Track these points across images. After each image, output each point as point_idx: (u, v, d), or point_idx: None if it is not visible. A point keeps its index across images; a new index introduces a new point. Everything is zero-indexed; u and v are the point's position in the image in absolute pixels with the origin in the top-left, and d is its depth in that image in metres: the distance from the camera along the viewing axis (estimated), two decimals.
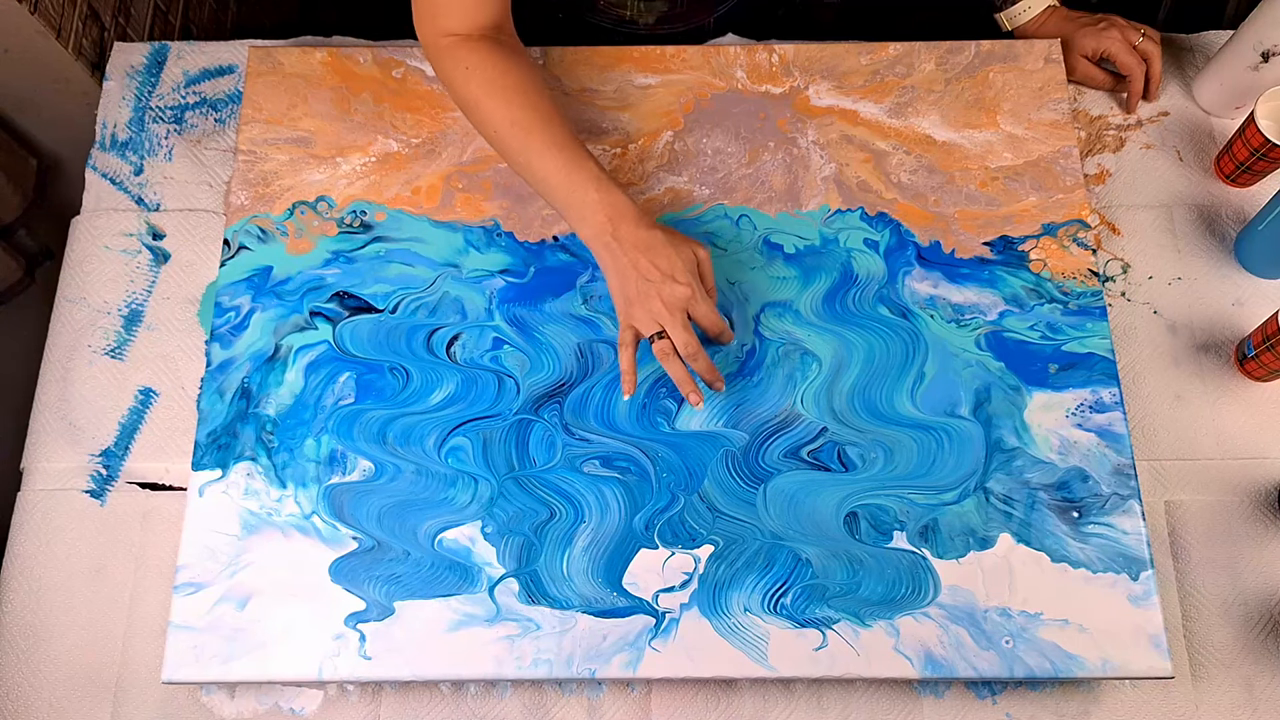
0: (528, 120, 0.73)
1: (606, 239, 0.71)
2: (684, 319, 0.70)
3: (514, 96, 0.73)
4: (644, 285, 0.70)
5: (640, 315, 0.71)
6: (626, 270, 0.71)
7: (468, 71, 0.74)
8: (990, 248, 0.82)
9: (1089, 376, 0.78)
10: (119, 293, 0.84)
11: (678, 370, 0.71)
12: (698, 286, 0.71)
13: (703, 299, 0.71)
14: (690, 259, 0.71)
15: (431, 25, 0.75)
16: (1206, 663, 0.75)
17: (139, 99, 0.90)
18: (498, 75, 0.74)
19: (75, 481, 0.79)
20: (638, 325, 0.71)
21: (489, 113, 0.74)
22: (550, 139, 0.72)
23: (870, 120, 0.86)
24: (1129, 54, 0.88)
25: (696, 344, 0.71)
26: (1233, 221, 0.87)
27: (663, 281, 0.70)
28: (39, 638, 0.75)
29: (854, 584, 0.72)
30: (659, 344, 0.71)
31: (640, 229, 0.71)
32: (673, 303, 0.70)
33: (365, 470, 0.75)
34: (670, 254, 0.70)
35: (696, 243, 0.73)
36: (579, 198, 0.72)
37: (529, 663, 0.70)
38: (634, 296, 0.71)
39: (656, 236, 0.71)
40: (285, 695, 0.74)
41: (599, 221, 0.71)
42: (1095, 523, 0.73)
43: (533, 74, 0.75)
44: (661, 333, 0.70)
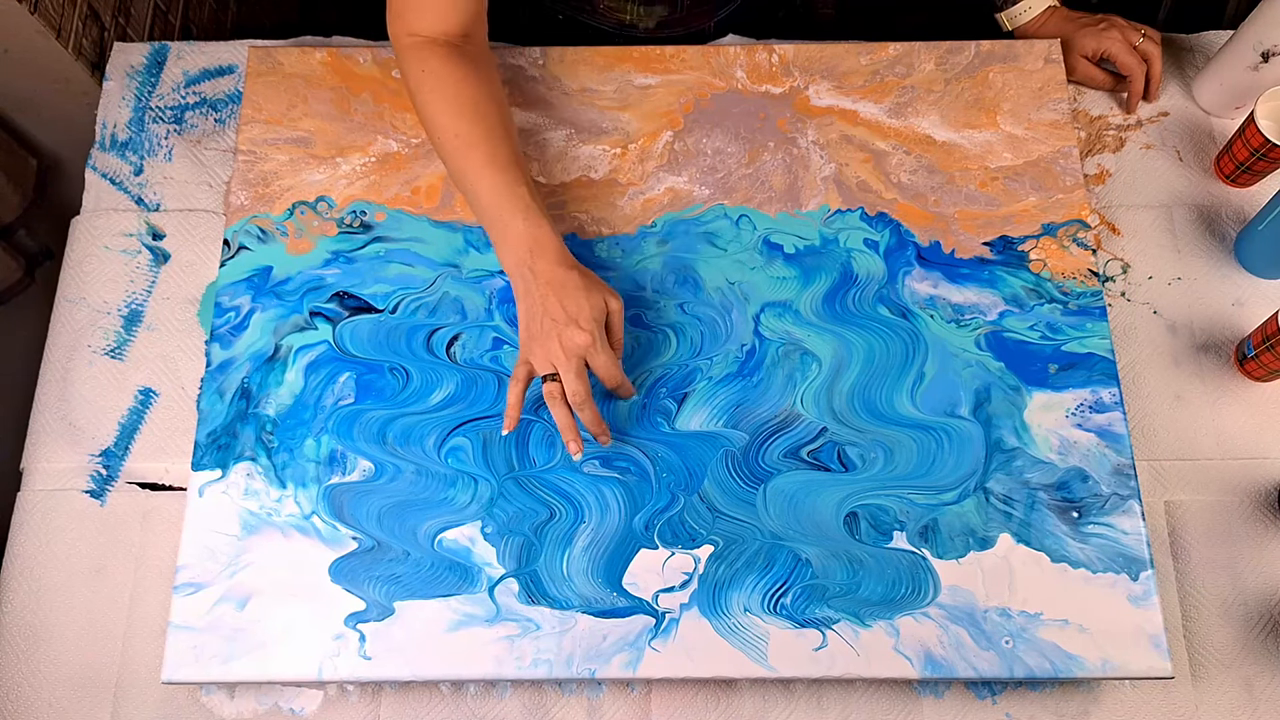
0: (471, 135, 0.73)
1: (524, 270, 0.71)
2: (579, 366, 0.69)
3: (464, 108, 0.73)
4: (547, 324, 0.69)
5: (538, 353, 0.70)
6: (535, 305, 0.70)
7: (423, 74, 0.74)
8: (990, 248, 0.82)
9: (1089, 376, 0.78)
10: (119, 293, 0.84)
11: (562, 416, 0.70)
12: (600, 336, 0.70)
13: (603, 349, 0.70)
14: (600, 307, 0.70)
15: (400, 23, 0.75)
16: (1206, 663, 0.75)
17: (139, 99, 0.90)
18: (452, 84, 0.73)
19: (75, 481, 0.79)
20: (533, 362, 0.71)
21: (434, 119, 0.74)
22: (489, 158, 0.72)
23: (870, 120, 0.86)
24: (1129, 54, 0.88)
25: (585, 394, 0.69)
26: (1233, 221, 0.87)
27: (566, 324, 0.69)
28: (39, 638, 0.75)
29: (854, 584, 0.72)
30: (548, 385, 0.70)
31: (558, 267, 0.70)
32: (570, 348, 0.69)
33: (365, 470, 0.75)
34: (580, 298, 0.69)
35: (611, 292, 0.72)
36: (505, 223, 0.71)
37: (529, 663, 0.70)
38: (535, 334, 0.70)
39: (572, 278, 0.70)
40: (285, 695, 0.74)
41: (519, 252, 0.71)
42: (1095, 523, 0.73)
43: (489, 89, 0.75)
44: (555, 375, 0.70)
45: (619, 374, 0.72)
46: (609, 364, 0.71)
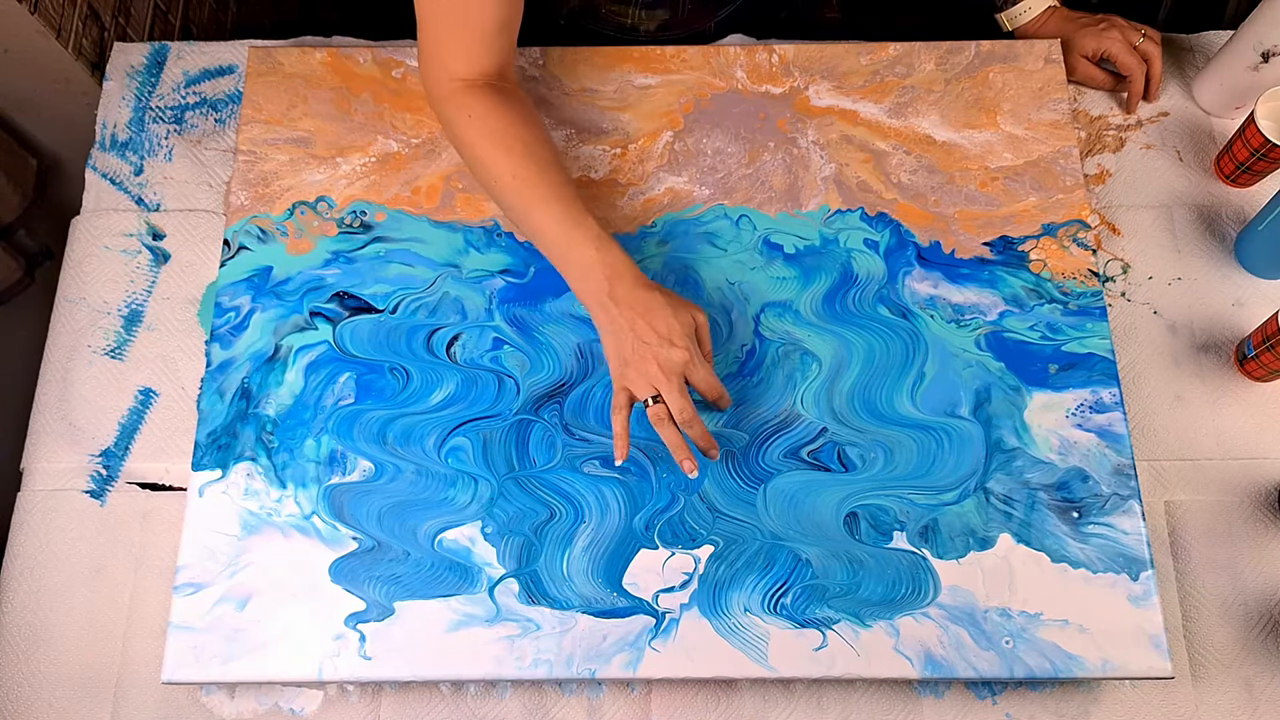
0: (528, 173, 0.72)
1: (603, 299, 0.70)
2: (680, 384, 0.69)
3: (516, 147, 0.72)
4: (640, 348, 0.69)
5: (635, 378, 0.69)
6: (623, 332, 0.69)
7: (470, 120, 0.73)
8: (990, 248, 0.82)
9: (1089, 377, 0.78)
10: (119, 293, 0.84)
11: (672, 437, 0.69)
12: (695, 351, 0.69)
13: (700, 364, 0.70)
14: (689, 323, 0.70)
15: (437, 69, 0.74)
16: (1206, 663, 0.75)
17: (139, 99, 0.90)
18: (501, 125, 0.73)
19: (75, 481, 0.79)
20: (632, 388, 0.70)
21: (490, 163, 0.73)
22: (550, 193, 0.72)
23: (870, 120, 0.86)
24: (1129, 54, 0.88)
25: (693, 410, 0.69)
26: (1233, 221, 0.87)
27: (660, 345, 0.68)
28: (39, 638, 0.75)
29: (854, 584, 0.72)
30: (654, 409, 0.69)
31: (638, 290, 0.70)
32: (669, 367, 0.68)
33: (365, 470, 0.75)
34: (668, 317, 0.69)
35: (695, 306, 0.72)
36: (577, 255, 0.71)
37: (529, 663, 0.70)
38: (630, 359, 0.69)
39: (655, 298, 0.69)
40: (285, 695, 0.74)
41: (597, 281, 0.70)
42: (1095, 523, 0.73)
43: (535, 125, 0.75)
44: (657, 397, 0.69)
45: (719, 385, 0.72)
46: (708, 376, 0.70)
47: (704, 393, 0.71)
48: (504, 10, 0.71)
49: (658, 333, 0.68)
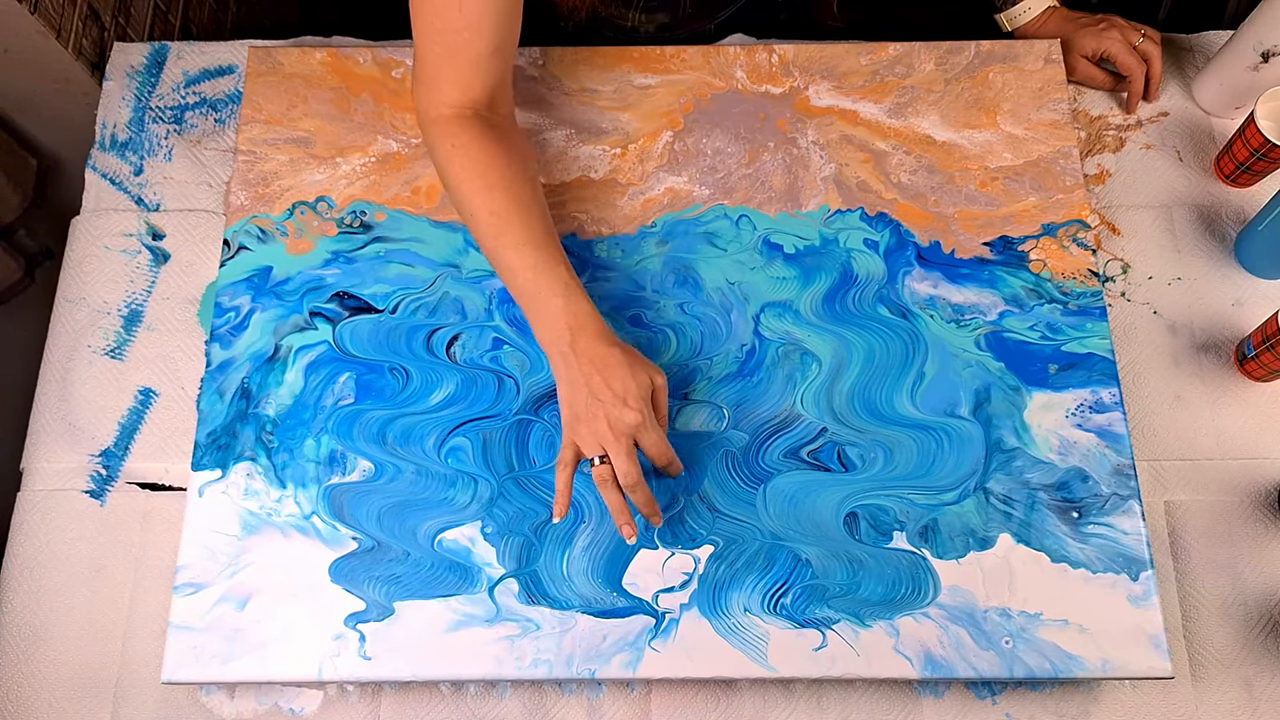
0: (506, 211, 0.71)
1: (564, 348, 0.69)
2: (629, 446, 0.67)
3: (496, 182, 0.71)
4: (593, 404, 0.67)
5: (585, 435, 0.68)
6: (578, 385, 0.68)
7: (453, 149, 0.72)
8: (990, 248, 0.82)
9: (1089, 377, 0.78)
10: (119, 293, 0.84)
11: (614, 499, 0.68)
12: (648, 414, 0.68)
13: (652, 427, 0.68)
14: (645, 384, 0.68)
15: (428, 91, 0.72)
16: (1206, 663, 0.75)
17: (139, 99, 0.90)
18: (484, 158, 0.71)
19: (75, 481, 0.79)
20: (581, 444, 0.68)
21: (469, 196, 0.72)
22: (525, 235, 0.70)
23: (870, 120, 0.86)
24: (1129, 54, 0.88)
25: (637, 475, 0.67)
26: (1233, 221, 0.87)
27: (613, 403, 0.67)
28: (39, 638, 0.75)
29: (854, 584, 0.72)
30: (599, 469, 0.68)
31: (599, 344, 0.68)
32: (620, 428, 0.67)
33: (365, 470, 0.75)
34: (625, 376, 0.67)
35: (655, 368, 0.70)
36: (544, 301, 0.70)
37: (529, 663, 0.70)
38: (581, 414, 0.68)
39: (615, 355, 0.68)
40: (285, 695, 0.74)
41: (559, 330, 0.69)
42: (1095, 523, 0.73)
43: (519, 162, 0.73)
44: (604, 457, 0.68)
45: (669, 451, 0.70)
46: (659, 442, 0.69)
47: (653, 458, 0.70)
48: (498, 34, 0.70)
49: (612, 390, 0.67)
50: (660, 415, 0.71)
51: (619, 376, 0.67)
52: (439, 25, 0.69)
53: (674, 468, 0.72)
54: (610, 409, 0.67)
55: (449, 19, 0.68)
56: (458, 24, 0.68)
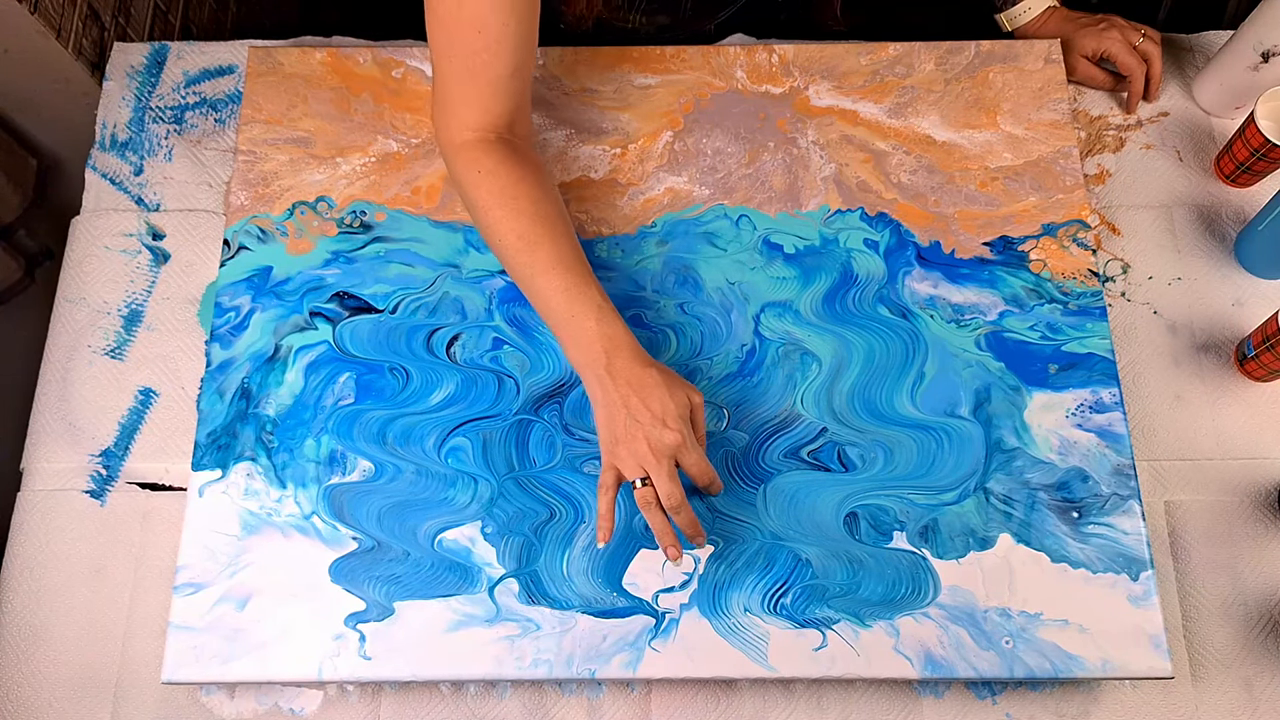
0: (535, 235, 0.70)
1: (600, 371, 0.68)
2: (670, 467, 0.66)
3: (524, 207, 0.71)
4: (632, 426, 0.67)
5: (625, 457, 0.67)
6: (616, 407, 0.67)
7: (479, 175, 0.71)
8: (990, 248, 0.82)
9: (1089, 377, 0.78)
10: (119, 293, 0.84)
11: (658, 522, 0.67)
12: (688, 433, 0.67)
13: (693, 447, 0.68)
14: (684, 403, 0.68)
15: (449, 117, 0.72)
16: (1206, 663, 0.75)
17: (139, 99, 0.90)
18: (510, 183, 0.71)
19: (75, 481, 0.79)
20: (621, 467, 0.68)
21: (497, 222, 0.71)
22: (555, 258, 0.70)
23: (870, 120, 0.86)
24: (1129, 54, 0.88)
25: (681, 495, 0.66)
26: (1233, 221, 0.87)
27: (652, 425, 0.66)
28: (39, 638, 0.75)
29: (854, 584, 0.72)
30: (641, 491, 0.67)
31: (635, 366, 0.68)
32: (660, 449, 0.66)
33: (365, 470, 0.75)
34: (664, 396, 0.67)
35: (691, 387, 0.70)
36: (577, 324, 0.69)
37: (529, 663, 0.70)
38: (621, 437, 0.67)
39: (652, 376, 0.67)
40: (285, 695, 0.74)
41: (594, 353, 0.68)
42: (1095, 523, 0.73)
43: (545, 185, 0.73)
44: (646, 479, 0.67)
45: (711, 470, 0.69)
46: (700, 461, 0.68)
47: (695, 478, 0.69)
48: (517, 55, 0.69)
49: (651, 412, 0.66)
50: (699, 433, 0.70)
51: (657, 397, 0.67)
52: (458, 48, 0.68)
53: (715, 486, 0.71)
54: (650, 430, 0.66)
55: (468, 41, 0.68)
56: (476, 46, 0.68)
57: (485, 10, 0.67)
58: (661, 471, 0.66)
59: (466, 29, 0.67)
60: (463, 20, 0.67)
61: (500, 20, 0.67)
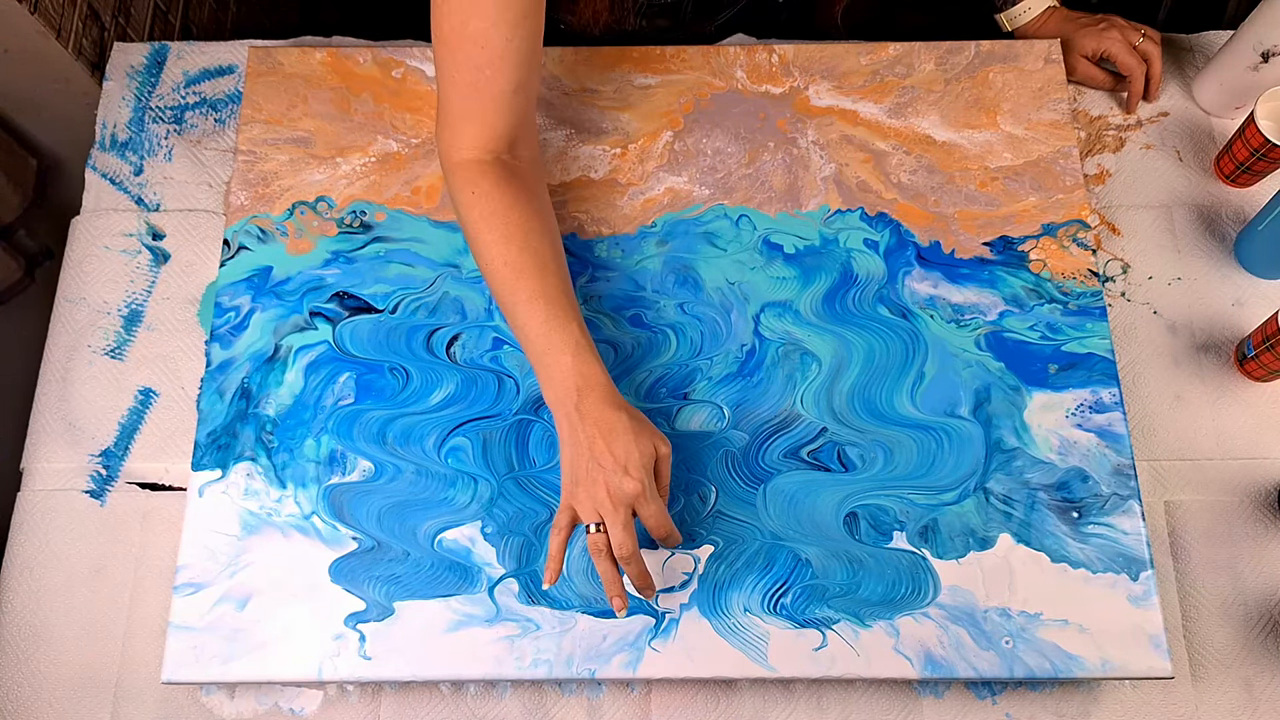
0: (521, 264, 0.69)
1: (569, 409, 0.67)
2: (627, 516, 0.65)
3: (514, 234, 0.70)
4: (594, 469, 0.65)
5: (584, 499, 0.66)
6: (580, 448, 0.66)
7: (474, 196, 0.71)
8: (990, 248, 0.82)
9: (1089, 377, 0.78)
10: (119, 293, 0.84)
11: (607, 570, 0.66)
12: (649, 483, 0.66)
13: (652, 498, 0.66)
14: (649, 452, 0.66)
15: (451, 134, 0.71)
16: (1206, 663, 0.75)
17: (139, 99, 0.90)
18: (503, 208, 0.70)
19: (75, 481, 0.79)
20: (578, 509, 0.67)
21: (485, 246, 0.70)
22: (538, 290, 0.69)
23: (870, 120, 0.86)
24: (1129, 54, 0.88)
25: (633, 546, 0.65)
26: (1233, 221, 0.87)
27: (613, 470, 0.65)
28: (39, 638, 0.75)
29: (854, 584, 0.72)
30: (593, 537, 0.66)
31: (606, 408, 0.66)
32: (619, 497, 0.65)
33: (365, 470, 0.75)
34: (629, 443, 0.65)
35: (660, 436, 0.68)
36: (552, 359, 0.68)
37: (529, 663, 0.70)
38: (581, 478, 0.66)
39: (621, 420, 0.66)
40: (285, 695, 0.74)
41: (566, 389, 0.67)
42: (1095, 523, 0.73)
43: (539, 213, 0.72)
44: (600, 524, 0.66)
45: (669, 524, 0.68)
46: (659, 514, 0.67)
47: (652, 530, 0.68)
48: (520, 70, 0.69)
49: (614, 457, 0.65)
50: (662, 484, 0.69)
51: (622, 443, 0.65)
52: (461, 62, 0.68)
53: (672, 539, 0.69)
54: (610, 476, 0.65)
55: (472, 56, 0.67)
56: (480, 60, 0.67)
57: (488, 26, 0.66)
58: (617, 520, 0.65)
59: (470, 45, 0.67)
60: (466, 36, 0.67)
61: (504, 35, 0.67)
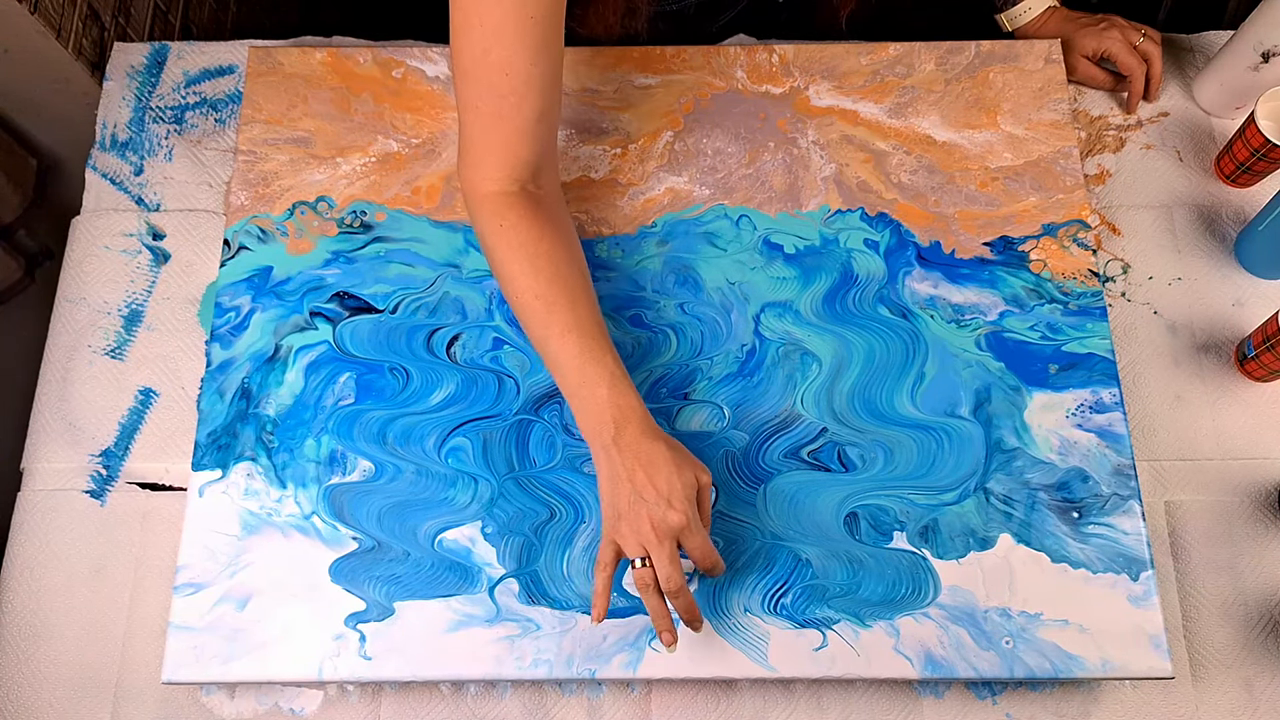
0: (552, 295, 0.69)
1: (606, 441, 0.66)
2: (673, 549, 0.64)
3: (544, 266, 0.69)
4: (636, 503, 0.64)
5: (627, 535, 0.65)
6: (621, 481, 0.65)
7: (502, 229, 0.70)
8: (990, 248, 0.82)
9: (1089, 377, 0.78)
10: (119, 293, 0.84)
11: (656, 605, 0.65)
12: (694, 515, 0.65)
13: (697, 529, 0.65)
14: (691, 483, 0.65)
15: (474, 165, 0.70)
16: (1206, 663, 0.75)
17: (139, 99, 0.90)
18: (532, 239, 0.69)
19: (75, 481, 0.79)
20: (622, 544, 0.66)
21: (515, 278, 0.69)
22: (572, 322, 0.68)
23: (870, 120, 0.86)
24: (1129, 54, 0.88)
25: (681, 580, 0.64)
26: (1233, 222, 0.87)
27: (657, 503, 0.64)
28: (39, 638, 0.75)
29: (854, 584, 0.72)
30: (640, 572, 0.65)
31: (645, 439, 0.66)
32: (664, 530, 0.64)
33: (365, 470, 0.75)
34: (671, 474, 0.65)
35: (700, 465, 0.67)
36: (588, 391, 0.67)
37: (529, 663, 0.70)
38: (624, 512, 0.65)
39: (661, 451, 0.65)
40: (285, 695, 0.74)
41: (603, 421, 0.66)
42: (1095, 523, 0.73)
43: (568, 244, 0.72)
44: (645, 558, 0.65)
45: (714, 554, 0.67)
46: (704, 544, 0.66)
47: (698, 561, 0.67)
48: (544, 98, 0.68)
49: (657, 489, 0.64)
50: (704, 514, 0.67)
51: (664, 474, 0.65)
52: (484, 91, 0.67)
53: (717, 570, 0.68)
54: (654, 509, 0.64)
55: (495, 84, 0.66)
56: (504, 89, 0.67)
57: (511, 53, 0.65)
58: (663, 553, 0.64)
59: (494, 73, 0.66)
60: (490, 65, 0.66)
61: (528, 61, 0.66)
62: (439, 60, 0.88)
